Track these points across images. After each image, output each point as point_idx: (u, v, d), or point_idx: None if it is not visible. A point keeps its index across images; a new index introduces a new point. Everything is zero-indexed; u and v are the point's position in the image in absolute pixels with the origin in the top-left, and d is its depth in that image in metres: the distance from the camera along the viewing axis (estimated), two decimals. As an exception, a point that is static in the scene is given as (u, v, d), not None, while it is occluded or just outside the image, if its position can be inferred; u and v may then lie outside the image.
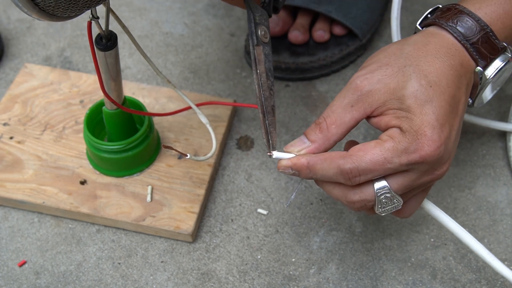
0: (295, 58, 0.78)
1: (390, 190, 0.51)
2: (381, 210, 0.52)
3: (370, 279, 0.63)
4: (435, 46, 0.52)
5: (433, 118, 0.49)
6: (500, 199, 0.69)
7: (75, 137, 0.71)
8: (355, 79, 0.51)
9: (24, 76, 0.76)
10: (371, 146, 0.49)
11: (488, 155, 0.72)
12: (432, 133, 0.49)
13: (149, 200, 0.66)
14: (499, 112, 0.75)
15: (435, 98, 0.49)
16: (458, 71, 0.51)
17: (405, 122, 0.49)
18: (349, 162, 0.49)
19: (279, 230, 0.67)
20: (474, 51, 0.52)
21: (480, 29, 0.52)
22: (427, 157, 0.49)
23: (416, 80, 0.50)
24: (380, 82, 0.50)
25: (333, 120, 0.51)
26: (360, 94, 0.51)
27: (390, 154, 0.49)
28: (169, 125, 0.72)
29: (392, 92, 0.50)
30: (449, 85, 0.50)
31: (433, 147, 0.49)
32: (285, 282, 0.63)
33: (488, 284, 0.63)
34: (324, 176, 0.51)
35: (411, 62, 0.51)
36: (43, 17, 0.44)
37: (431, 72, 0.50)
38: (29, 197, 0.66)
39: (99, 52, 0.56)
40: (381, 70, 0.51)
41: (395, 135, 0.49)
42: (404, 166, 0.49)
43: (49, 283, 0.63)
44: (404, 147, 0.49)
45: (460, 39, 0.52)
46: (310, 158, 0.51)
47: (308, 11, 0.79)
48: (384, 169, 0.49)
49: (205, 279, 0.63)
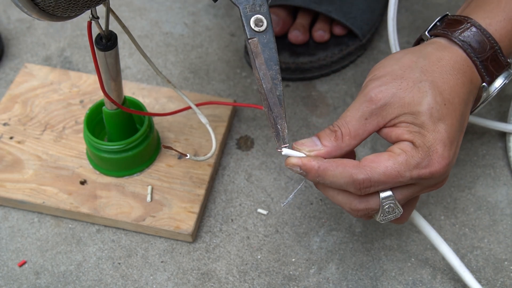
0: (295, 58, 0.78)
1: (394, 200, 0.51)
2: (382, 218, 0.53)
3: (370, 279, 0.63)
4: (449, 62, 0.53)
5: (445, 136, 0.50)
6: (500, 199, 0.69)
7: (75, 137, 0.71)
8: (369, 91, 0.51)
9: (24, 76, 0.76)
10: (385, 158, 0.50)
11: (488, 155, 0.72)
12: (443, 150, 0.50)
13: (149, 200, 0.66)
14: (499, 112, 0.75)
15: (448, 116, 0.50)
16: (468, 88, 0.53)
17: (418, 138, 0.50)
18: (362, 172, 0.50)
19: (279, 230, 0.67)
20: (483, 68, 0.53)
21: (490, 47, 0.53)
22: (436, 173, 0.50)
23: (432, 97, 0.50)
24: (395, 96, 0.51)
25: (347, 131, 0.52)
26: (375, 107, 0.51)
27: (403, 168, 0.50)
28: (169, 125, 0.72)
29: (407, 106, 0.51)
30: (460, 103, 0.52)
31: (443, 164, 0.50)
32: (285, 282, 0.63)
33: (488, 284, 0.63)
34: (334, 183, 0.51)
35: (427, 77, 0.51)
36: (43, 17, 0.44)
37: (445, 90, 0.51)
38: (29, 197, 0.66)
39: (99, 52, 0.56)
40: (396, 83, 0.51)
41: (408, 149, 0.50)
42: (413, 180, 0.50)
43: (49, 283, 0.63)
44: (417, 162, 0.50)
45: (471, 56, 0.53)
46: (322, 163, 0.51)
47: (308, 11, 0.79)
48: (395, 182, 0.50)
49: (205, 279, 0.63)
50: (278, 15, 0.78)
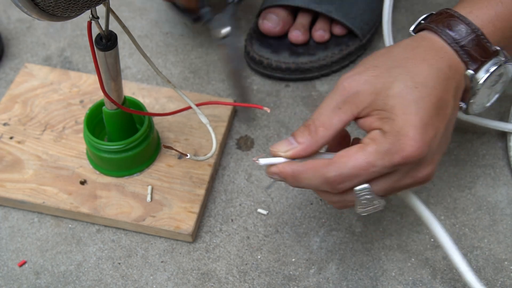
0: (295, 58, 0.78)
1: (371, 192, 0.50)
2: (361, 210, 0.52)
3: (370, 279, 0.63)
4: (424, 49, 0.52)
5: (417, 119, 0.48)
6: (500, 199, 0.69)
7: (75, 137, 0.71)
8: (342, 81, 0.51)
9: (24, 76, 0.76)
10: (354, 151, 0.49)
11: (488, 155, 0.72)
12: (415, 133, 0.48)
13: (149, 200, 0.66)
14: (499, 112, 0.75)
15: (420, 99, 0.49)
16: (446, 73, 0.51)
17: (386, 124, 0.49)
18: (332, 170, 0.49)
19: (279, 230, 0.67)
20: (464, 54, 0.52)
21: (470, 32, 0.52)
22: (409, 157, 0.48)
23: (402, 81, 0.49)
24: (367, 83, 0.50)
25: (321, 123, 0.51)
26: (347, 95, 0.50)
27: (373, 158, 0.48)
28: (169, 125, 0.72)
29: (378, 92, 0.50)
30: (436, 87, 0.50)
31: (415, 147, 0.48)
32: (285, 282, 0.63)
33: (488, 284, 0.63)
34: (310, 185, 0.51)
35: (399, 63, 0.50)
36: (43, 17, 0.44)
37: (418, 74, 0.50)
38: (29, 197, 0.66)
39: (99, 52, 0.56)
40: (368, 71, 0.51)
41: (377, 137, 0.49)
42: (387, 168, 0.49)
43: (49, 283, 0.63)
44: (387, 149, 0.48)
45: (449, 42, 0.52)
46: (295, 167, 0.51)
47: (308, 11, 0.79)
48: (368, 173, 0.49)
49: (205, 279, 0.63)
50: (278, 15, 0.78)
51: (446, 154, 0.72)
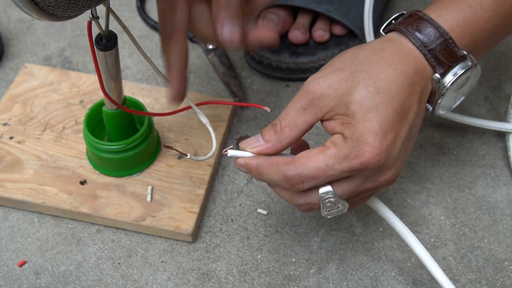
0: (295, 58, 0.78)
1: (334, 195, 0.51)
2: (326, 213, 0.53)
3: (370, 279, 0.63)
4: (390, 52, 0.52)
5: (377, 125, 0.49)
6: (500, 199, 0.69)
7: (75, 137, 0.71)
8: (308, 83, 0.52)
9: (24, 76, 0.76)
10: (314, 153, 0.50)
11: (488, 155, 0.72)
12: (374, 140, 0.49)
13: (149, 200, 0.66)
14: (499, 112, 0.75)
15: (381, 106, 0.49)
16: (411, 78, 0.51)
17: (347, 129, 0.50)
18: (292, 169, 0.50)
19: (279, 230, 0.67)
20: (432, 58, 0.52)
21: (439, 36, 0.52)
22: (367, 163, 0.49)
23: (363, 87, 0.50)
24: (331, 87, 0.51)
25: (286, 123, 0.52)
26: (311, 98, 0.51)
27: (331, 161, 0.49)
28: (169, 125, 0.72)
29: (340, 97, 0.50)
30: (399, 92, 0.50)
31: (373, 153, 0.49)
32: (285, 282, 0.63)
33: (488, 284, 0.63)
34: (271, 180, 0.52)
35: (363, 68, 0.51)
36: (43, 17, 0.44)
37: (381, 79, 0.50)
38: (29, 197, 0.66)
39: (99, 52, 0.56)
40: (333, 74, 0.51)
41: (338, 141, 0.50)
42: (346, 172, 0.50)
43: (49, 283, 0.63)
44: (345, 154, 0.49)
45: (418, 45, 0.52)
46: (260, 161, 0.52)
47: (308, 11, 0.79)
48: (326, 176, 0.50)
49: (205, 279, 0.63)
50: (278, 15, 0.78)
51: (446, 154, 0.72)
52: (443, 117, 0.75)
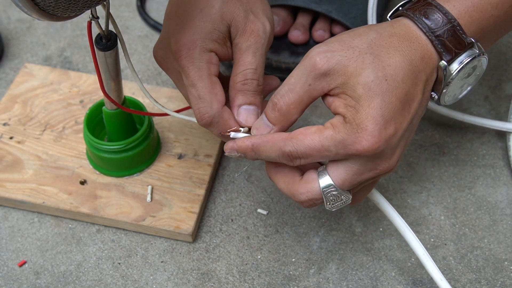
0: (295, 58, 0.78)
1: (336, 188, 0.51)
2: (330, 207, 0.53)
3: (370, 279, 0.63)
4: (398, 39, 0.51)
5: (379, 113, 0.49)
6: (500, 199, 0.69)
7: (75, 137, 0.71)
8: (314, 55, 0.51)
9: (24, 76, 0.76)
10: (312, 131, 0.50)
11: (488, 155, 0.72)
12: (374, 128, 0.48)
13: (149, 200, 0.66)
14: (499, 112, 0.75)
15: (387, 93, 0.49)
16: (417, 66, 0.51)
17: (350, 112, 0.49)
18: (289, 145, 0.50)
19: (279, 230, 0.67)
20: (439, 44, 0.51)
21: (447, 22, 0.51)
22: (363, 151, 0.49)
23: (373, 71, 0.49)
24: (340, 63, 0.50)
25: (292, 100, 0.51)
26: (318, 72, 0.50)
27: (327, 143, 0.49)
28: (169, 125, 0.72)
29: (349, 76, 0.50)
30: (405, 80, 0.50)
31: (371, 142, 0.48)
32: (285, 282, 0.63)
33: (488, 284, 0.63)
34: (268, 157, 0.52)
35: (373, 50, 0.50)
36: (43, 17, 0.44)
37: (389, 65, 0.50)
38: (29, 197, 0.66)
39: (99, 52, 0.56)
40: (342, 51, 0.50)
41: (337, 124, 0.50)
42: (341, 155, 0.50)
43: (49, 283, 0.63)
44: (342, 138, 0.49)
45: (425, 31, 0.51)
46: (254, 140, 0.52)
47: (308, 11, 0.79)
48: (321, 156, 0.50)
49: (205, 279, 0.63)
50: (278, 15, 0.78)
51: (446, 154, 0.72)
52: (443, 116, 0.75)
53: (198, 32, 0.55)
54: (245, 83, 0.55)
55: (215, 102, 0.54)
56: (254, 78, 0.55)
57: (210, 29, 0.55)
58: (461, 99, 0.75)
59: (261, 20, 0.56)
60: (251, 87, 0.55)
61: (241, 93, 0.55)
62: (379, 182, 0.70)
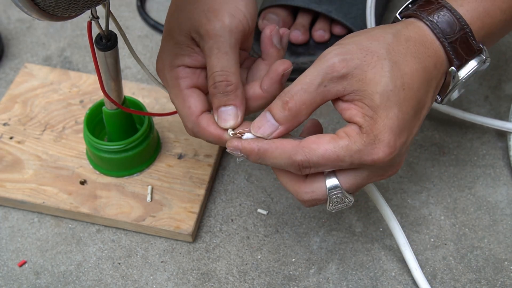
0: (295, 58, 0.78)
1: (342, 190, 0.51)
2: (331, 208, 0.52)
3: (370, 279, 0.63)
4: (414, 44, 0.50)
5: (396, 124, 0.48)
6: (500, 199, 0.69)
7: (75, 137, 0.71)
8: (332, 57, 0.49)
9: (24, 76, 0.76)
10: (326, 141, 0.49)
11: (488, 155, 0.72)
12: (390, 139, 0.48)
13: (149, 200, 0.66)
14: (499, 112, 0.75)
15: (404, 103, 0.49)
16: (430, 73, 0.51)
17: (367, 122, 0.48)
18: (301, 154, 0.49)
19: (279, 230, 0.67)
20: (451, 50, 0.51)
21: (460, 28, 0.51)
22: (378, 161, 0.49)
23: (391, 79, 0.48)
24: (358, 68, 0.49)
25: (303, 100, 0.50)
26: (335, 75, 0.49)
27: (343, 153, 0.48)
28: (169, 125, 0.72)
29: (367, 83, 0.49)
30: (419, 89, 0.50)
31: (387, 152, 0.48)
32: (285, 282, 0.63)
33: (488, 284, 0.63)
34: (275, 164, 0.51)
35: (391, 56, 0.49)
36: (43, 17, 0.44)
37: (406, 73, 0.49)
38: (29, 197, 0.66)
39: (99, 52, 0.56)
40: (361, 55, 0.49)
41: (353, 134, 0.49)
42: (355, 165, 0.49)
43: (49, 283, 0.63)
44: (359, 149, 0.48)
45: (439, 36, 0.51)
46: (261, 145, 0.50)
47: (308, 11, 0.79)
48: (334, 166, 0.49)
49: (205, 279, 0.63)
50: (278, 15, 0.78)
51: (446, 154, 0.72)
52: (443, 116, 0.75)
53: (165, 51, 0.56)
54: (214, 86, 0.53)
55: (189, 115, 0.54)
56: (221, 80, 0.53)
57: (172, 44, 0.55)
58: (461, 99, 0.75)
59: (219, 17, 0.53)
60: (221, 89, 0.53)
61: (214, 96, 0.54)
62: (379, 182, 0.70)
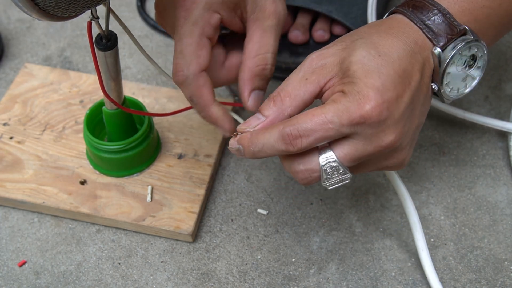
0: (295, 58, 0.78)
1: (335, 159, 0.50)
2: (327, 183, 0.51)
3: (370, 279, 0.63)
4: (389, 25, 0.52)
5: (378, 82, 0.48)
6: (500, 199, 0.69)
7: (75, 137, 0.71)
8: (311, 54, 0.52)
9: (24, 76, 0.76)
10: (313, 110, 0.49)
11: (488, 155, 0.72)
12: (375, 94, 0.48)
13: (149, 200, 0.66)
14: (499, 112, 0.75)
15: (383, 67, 0.49)
16: (411, 47, 0.51)
17: (348, 86, 0.49)
18: (289, 125, 0.49)
19: (279, 230, 0.67)
20: (430, 31, 0.51)
21: (436, 11, 0.52)
22: (367, 116, 0.48)
23: (364, 49, 0.49)
24: (334, 55, 0.51)
25: (287, 93, 0.51)
26: (314, 67, 0.51)
27: (331, 114, 0.48)
28: (169, 125, 0.72)
29: (342, 61, 0.50)
30: (400, 57, 0.49)
31: (373, 105, 0.47)
32: (285, 282, 0.63)
33: (488, 284, 0.63)
34: (266, 145, 0.50)
35: (363, 36, 0.51)
36: (43, 17, 0.44)
37: (382, 45, 0.50)
38: (29, 197, 0.66)
39: (99, 52, 0.56)
40: (336, 45, 0.51)
41: (337, 97, 0.49)
42: (345, 127, 0.48)
43: (49, 283, 0.63)
44: (345, 107, 0.48)
45: (415, 21, 0.52)
46: (253, 131, 0.51)
47: (308, 11, 0.79)
48: (325, 130, 0.48)
49: (205, 279, 0.63)
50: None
51: (446, 154, 0.72)
52: (443, 115, 0.75)
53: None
54: (265, 68, 0.53)
55: (195, 63, 0.53)
56: (273, 63, 0.53)
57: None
58: (461, 99, 0.75)
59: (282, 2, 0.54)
60: (269, 73, 0.53)
61: (258, 77, 0.53)
62: (380, 183, 0.70)
